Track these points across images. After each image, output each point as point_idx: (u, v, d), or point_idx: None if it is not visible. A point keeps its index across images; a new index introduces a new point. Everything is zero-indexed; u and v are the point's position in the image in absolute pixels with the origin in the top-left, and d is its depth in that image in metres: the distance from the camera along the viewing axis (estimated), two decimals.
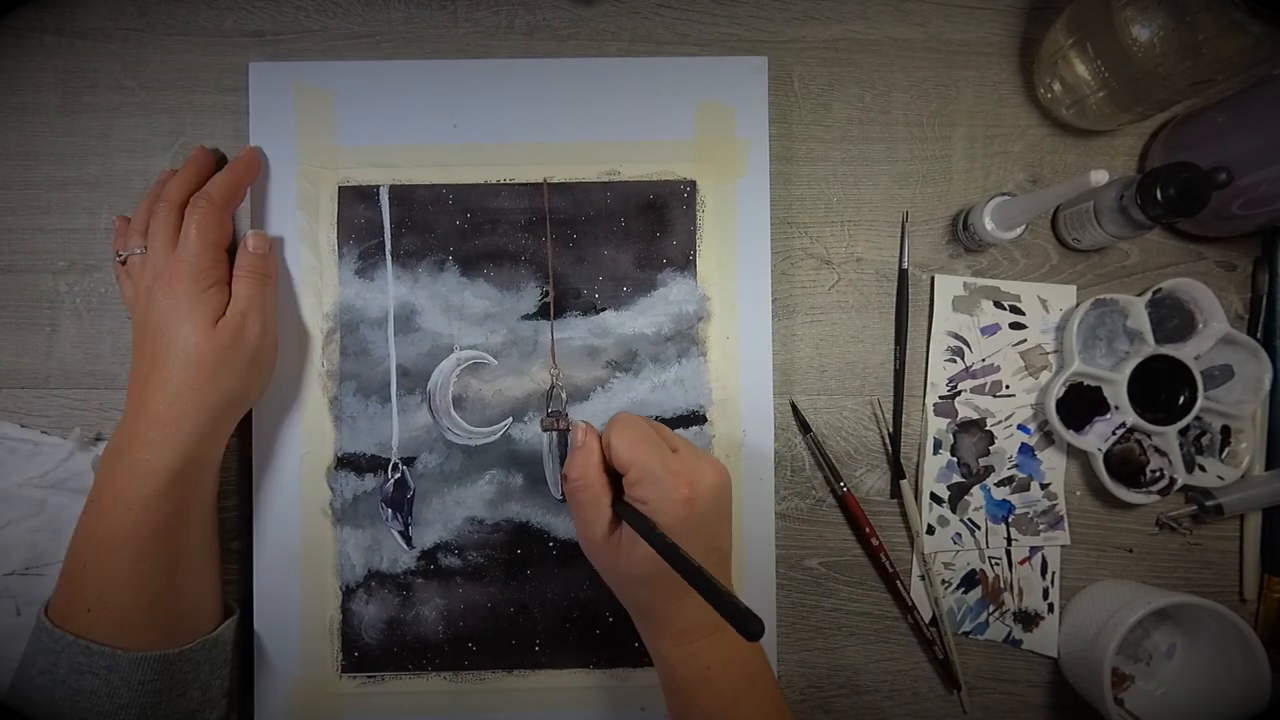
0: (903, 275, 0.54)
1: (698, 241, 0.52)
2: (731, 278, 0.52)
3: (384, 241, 0.52)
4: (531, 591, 0.52)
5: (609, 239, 0.52)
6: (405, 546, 0.51)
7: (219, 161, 0.52)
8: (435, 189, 0.52)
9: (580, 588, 0.52)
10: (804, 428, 0.53)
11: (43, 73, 0.53)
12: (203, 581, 0.48)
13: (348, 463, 0.51)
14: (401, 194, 0.52)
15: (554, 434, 0.52)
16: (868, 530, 0.53)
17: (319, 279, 0.52)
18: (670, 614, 0.43)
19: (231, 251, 0.49)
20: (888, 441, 0.54)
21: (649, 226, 0.52)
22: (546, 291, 0.52)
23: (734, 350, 0.52)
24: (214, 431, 0.46)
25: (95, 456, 0.51)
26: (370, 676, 0.51)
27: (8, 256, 0.53)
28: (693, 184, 0.52)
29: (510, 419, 0.52)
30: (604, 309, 0.52)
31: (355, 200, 0.52)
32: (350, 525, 0.51)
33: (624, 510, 0.42)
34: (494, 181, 0.52)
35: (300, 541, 0.51)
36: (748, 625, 0.32)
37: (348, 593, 0.51)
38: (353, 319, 0.52)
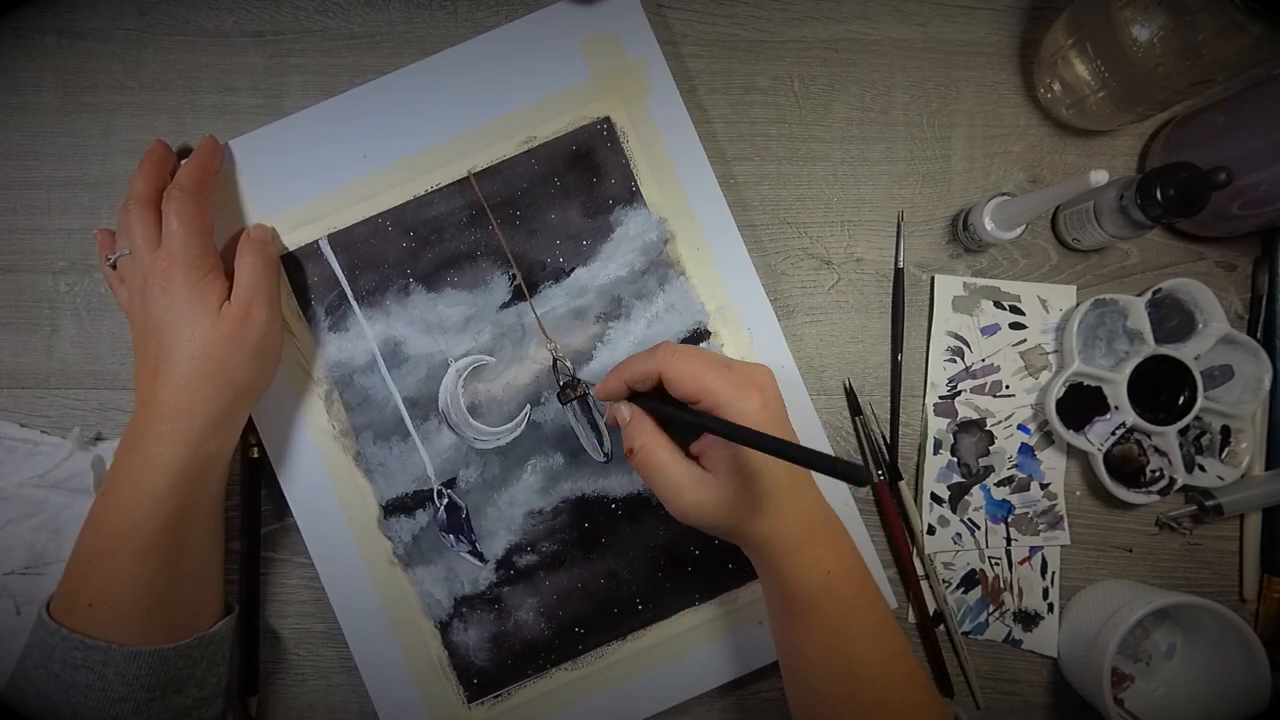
0: (898, 275, 0.54)
1: (634, 171, 0.52)
2: (678, 192, 0.52)
3: (343, 290, 0.51)
4: (613, 557, 0.52)
5: (551, 203, 0.52)
6: (479, 564, 0.51)
7: (180, 152, 0.51)
8: (370, 222, 0.51)
9: (656, 535, 0.52)
10: (855, 409, 0.53)
11: (43, 73, 0.53)
12: (205, 577, 0.48)
13: (394, 508, 0.51)
14: (341, 239, 0.51)
15: (574, 403, 0.52)
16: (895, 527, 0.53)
17: (298, 349, 0.51)
18: (790, 524, 0.41)
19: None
20: (882, 445, 0.54)
21: (584, 176, 0.52)
22: (514, 275, 0.52)
23: (708, 257, 0.52)
24: (226, 422, 0.46)
25: (95, 456, 0.51)
26: (497, 696, 0.51)
27: (8, 256, 0.53)
28: (607, 119, 0.52)
29: (528, 406, 0.52)
30: (573, 269, 0.52)
31: (301, 263, 0.51)
32: (420, 565, 0.51)
33: (702, 422, 0.40)
34: (423, 192, 0.51)
35: (379, 598, 0.51)
36: (858, 473, 0.33)
37: (443, 627, 0.51)
38: (344, 374, 0.51)
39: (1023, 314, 0.54)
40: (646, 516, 0.52)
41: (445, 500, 0.51)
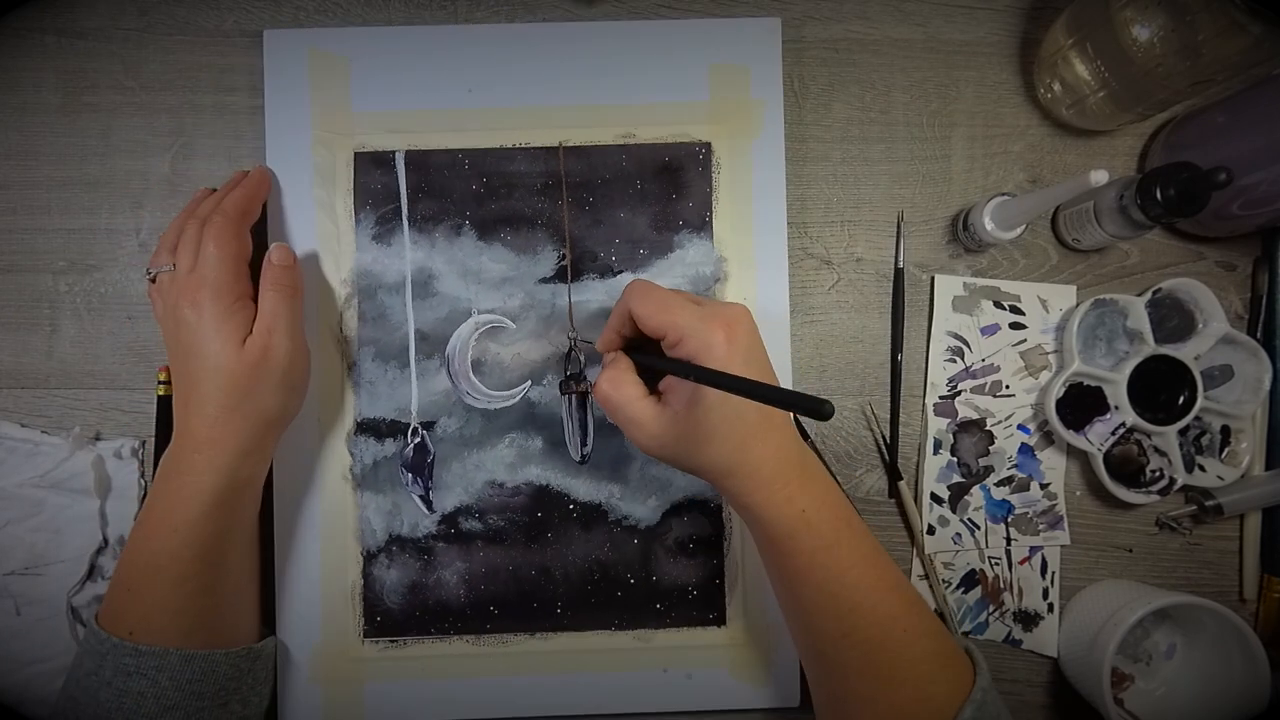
0: (898, 275, 0.54)
1: (713, 203, 0.52)
2: (748, 238, 0.52)
3: (400, 206, 0.52)
4: (553, 554, 0.52)
5: (625, 201, 0.52)
6: (426, 511, 0.52)
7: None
8: (451, 154, 0.52)
9: (602, 550, 0.52)
10: (802, 434, 0.53)
11: (43, 73, 0.53)
12: (242, 602, 0.48)
13: (367, 428, 0.52)
14: (417, 159, 0.52)
15: (573, 397, 0.52)
16: None
17: (336, 245, 0.52)
18: (756, 460, 0.41)
19: (256, 268, 0.49)
20: (882, 444, 0.54)
21: (665, 189, 0.52)
22: (564, 255, 0.52)
23: (752, 311, 0.52)
24: (256, 450, 0.46)
25: (95, 456, 0.51)
26: (392, 641, 0.51)
27: (8, 256, 0.53)
28: (708, 145, 0.52)
29: (529, 382, 0.52)
30: (621, 271, 0.52)
31: (371, 166, 0.52)
32: (371, 490, 0.51)
33: (665, 365, 0.43)
34: (509, 145, 0.52)
35: (321, 507, 0.51)
36: (820, 408, 0.32)
37: (369, 557, 0.51)
38: (370, 284, 0.52)
39: (1023, 314, 0.54)
40: (598, 529, 0.52)
41: (418, 439, 0.52)
